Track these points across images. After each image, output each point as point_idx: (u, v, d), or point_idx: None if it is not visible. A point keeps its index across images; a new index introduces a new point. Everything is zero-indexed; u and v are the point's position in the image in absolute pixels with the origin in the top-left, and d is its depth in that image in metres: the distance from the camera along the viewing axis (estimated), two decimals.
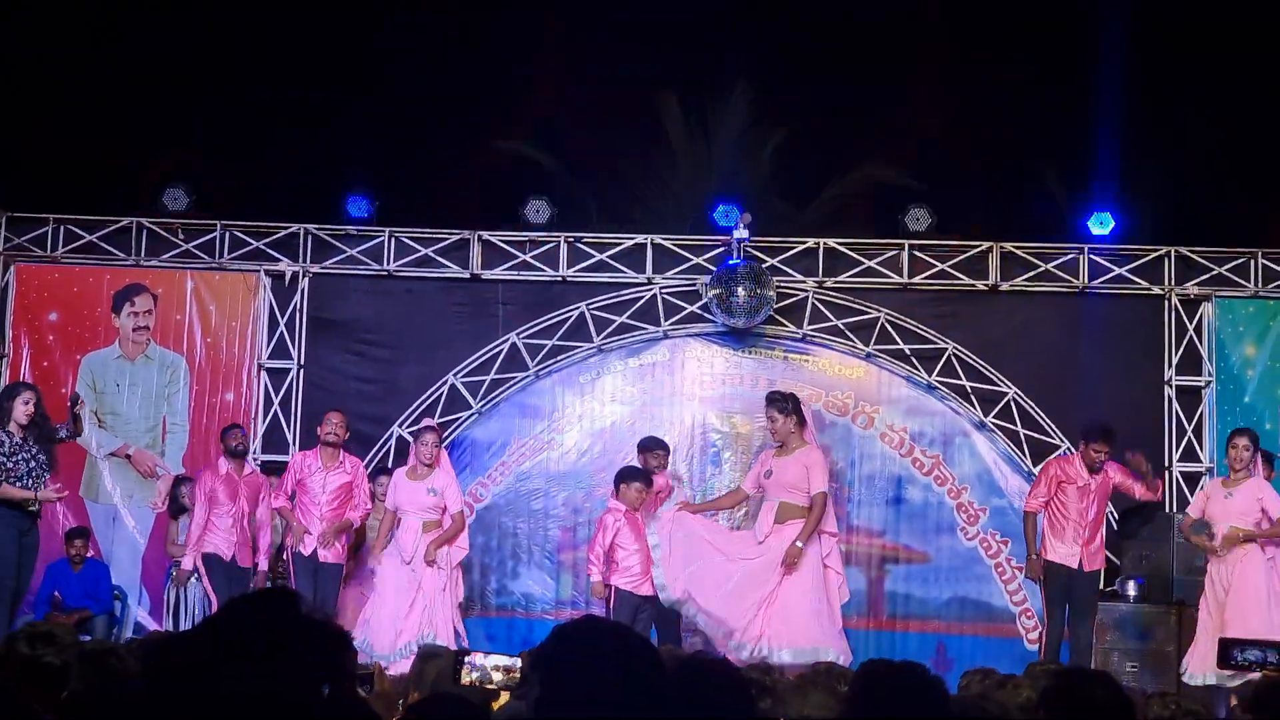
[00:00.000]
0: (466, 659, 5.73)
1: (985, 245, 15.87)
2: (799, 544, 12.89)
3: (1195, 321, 15.73)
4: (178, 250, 15.96)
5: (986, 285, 15.86)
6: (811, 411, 13.87)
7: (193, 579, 14.13)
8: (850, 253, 15.91)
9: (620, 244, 16.01)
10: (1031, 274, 15.86)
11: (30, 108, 17.22)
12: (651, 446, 14.35)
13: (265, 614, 3.78)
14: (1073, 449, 15.02)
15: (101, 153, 17.19)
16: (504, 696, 6.61)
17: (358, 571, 14.48)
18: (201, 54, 17.59)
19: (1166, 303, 15.76)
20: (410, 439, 14.70)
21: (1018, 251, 15.89)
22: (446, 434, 15.52)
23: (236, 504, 14.02)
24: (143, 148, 17.32)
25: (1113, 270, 15.80)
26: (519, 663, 5.65)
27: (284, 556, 14.29)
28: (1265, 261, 15.74)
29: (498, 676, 5.56)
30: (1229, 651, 6.23)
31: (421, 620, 13.28)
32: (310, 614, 3.81)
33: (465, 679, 5.61)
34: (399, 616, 13.32)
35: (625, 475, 13.74)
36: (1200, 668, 12.74)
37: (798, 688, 6.28)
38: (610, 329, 15.79)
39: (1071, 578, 13.21)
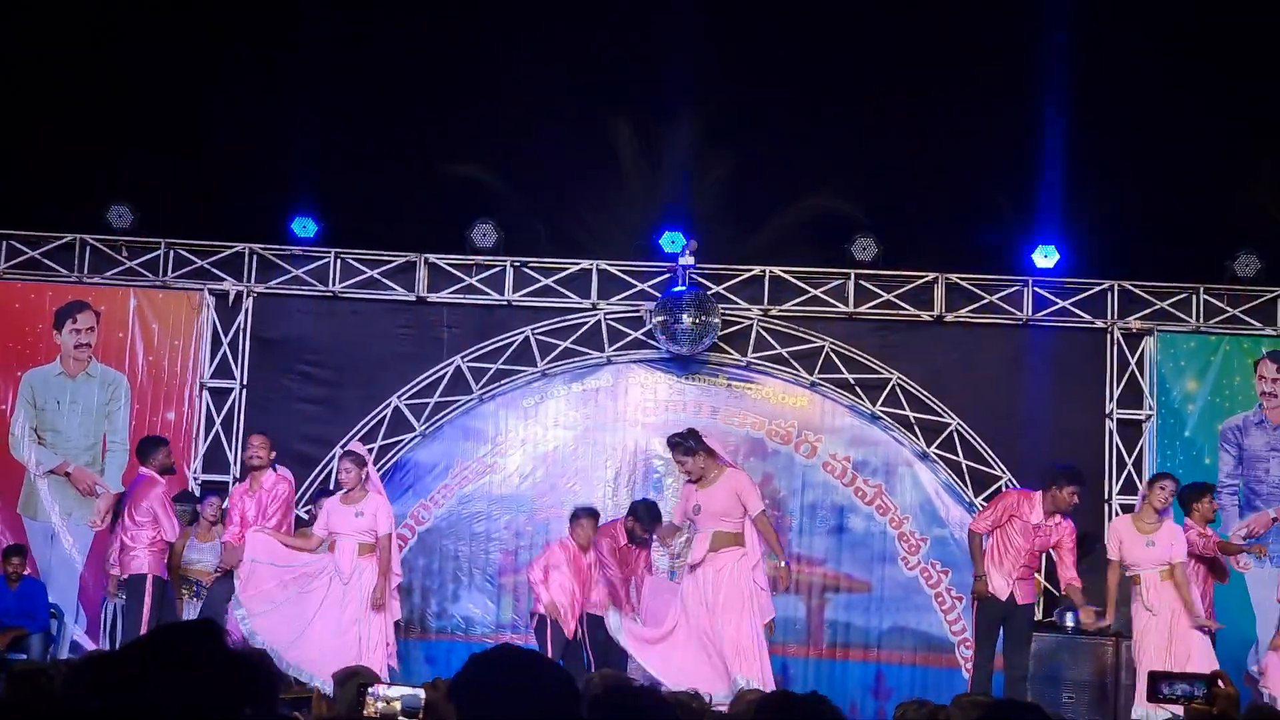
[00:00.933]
0: (370, 689, 5.72)
1: (930, 276, 15.93)
2: (782, 563, 12.97)
3: (1137, 355, 15.81)
4: (121, 268, 15.89)
5: (931, 316, 15.92)
6: (715, 439, 13.64)
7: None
8: (796, 281, 15.95)
9: (566, 269, 16.01)
10: (976, 305, 15.93)
11: None
12: (642, 516, 14.18)
13: (188, 640, 3.76)
14: (1015, 481, 15.10)
15: (45, 169, 17.12)
16: None
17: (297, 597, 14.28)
18: (148, 71, 17.54)
19: (1109, 336, 15.84)
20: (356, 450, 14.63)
21: (963, 283, 15.95)
22: (389, 455, 15.51)
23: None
24: (87, 164, 17.25)
25: (1056, 303, 15.88)
26: (422, 694, 5.64)
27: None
28: (1207, 297, 15.84)
29: (398, 707, 5.54)
30: (1157, 685, 6.22)
31: (356, 643, 13.17)
32: (232, 645, 3.81)
33: (370, 709, 5.59)
34: (334, 639, 13.22)
35: (577, 513, 13.94)
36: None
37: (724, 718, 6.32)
38: (554, 354, 15.79)
39: (1007, 609, 13.11)
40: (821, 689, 14.37)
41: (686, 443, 13.01)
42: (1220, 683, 6.22)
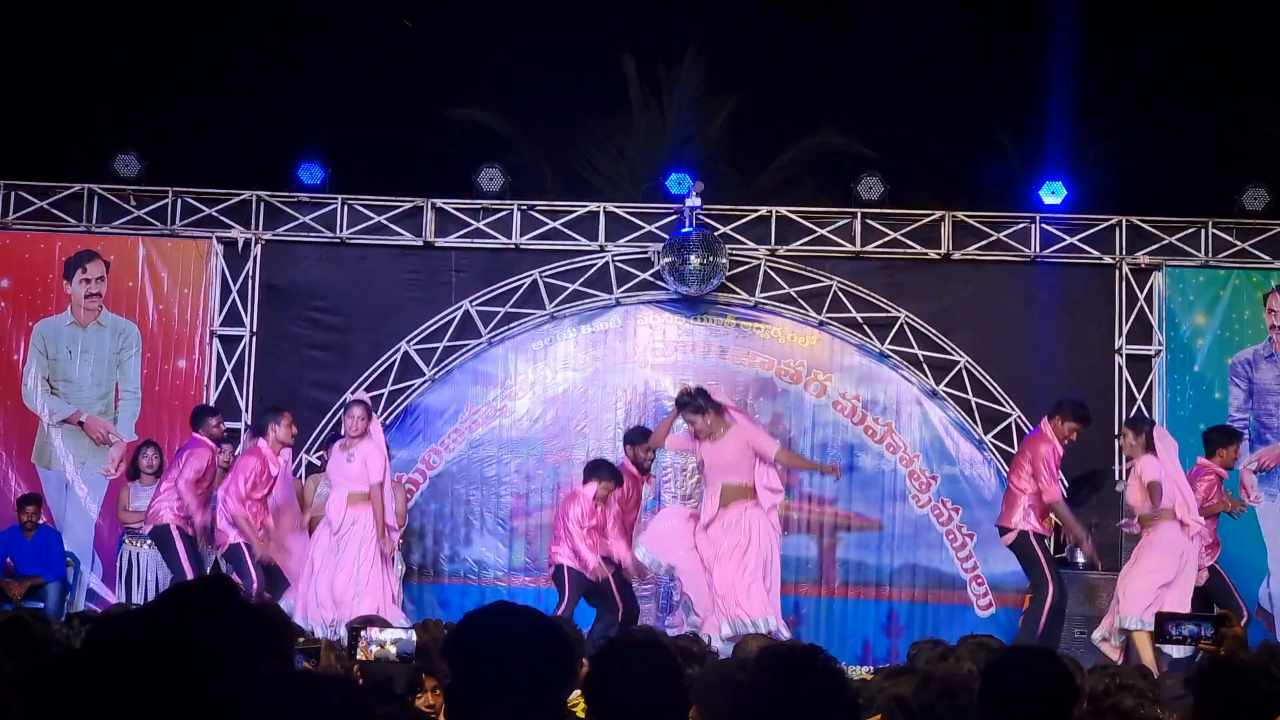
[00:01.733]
0: (363, 633, 5.76)
1: (937, 214, 15.90)
2: (829, 467, 14.01)
3: (1146, 291, 15.79)
4: (129, 217, 15.89)
5: (939, 254, 15.90)
6: (724, 396, 13.71)
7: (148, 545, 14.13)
8: (802, 221, 15.93)
9: (573, 212, 16.00)
10: (983, 243, 15.90)
11: None
12: (639, 440, 14.35)
13: (204, 598, 3.81)
14: (1024, 418, 15.14)
15: (52, 119, 17.11)
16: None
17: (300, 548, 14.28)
18: (153, 19, 17.51)
19: (1117, 272, 15.82)
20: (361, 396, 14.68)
21: (970, 221, 15.93)
22: (399, 401, 15.56)
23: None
24: (94, 113, 17.25)
25: (1064, 240, 15.86)
26: (414, 635, 5.68)
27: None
28: (1215, 231, 15.80)
29: (392, 651, 5.58)
30: (1164, 626, 6.27)
31: (352, 591, 13.19)
32: (247, 599, 3.86)
33: (364, 654, 5.63)
34: (333, 589, 13.25)
35: (595, 471, 13.83)
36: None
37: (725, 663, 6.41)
38: (563, 296, 15.80)
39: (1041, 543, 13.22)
40: (834, 627, 14.58)
41: (695, 401, 13.08)
42: (1228, 622, 6.27)
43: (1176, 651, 11.34)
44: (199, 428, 14.03)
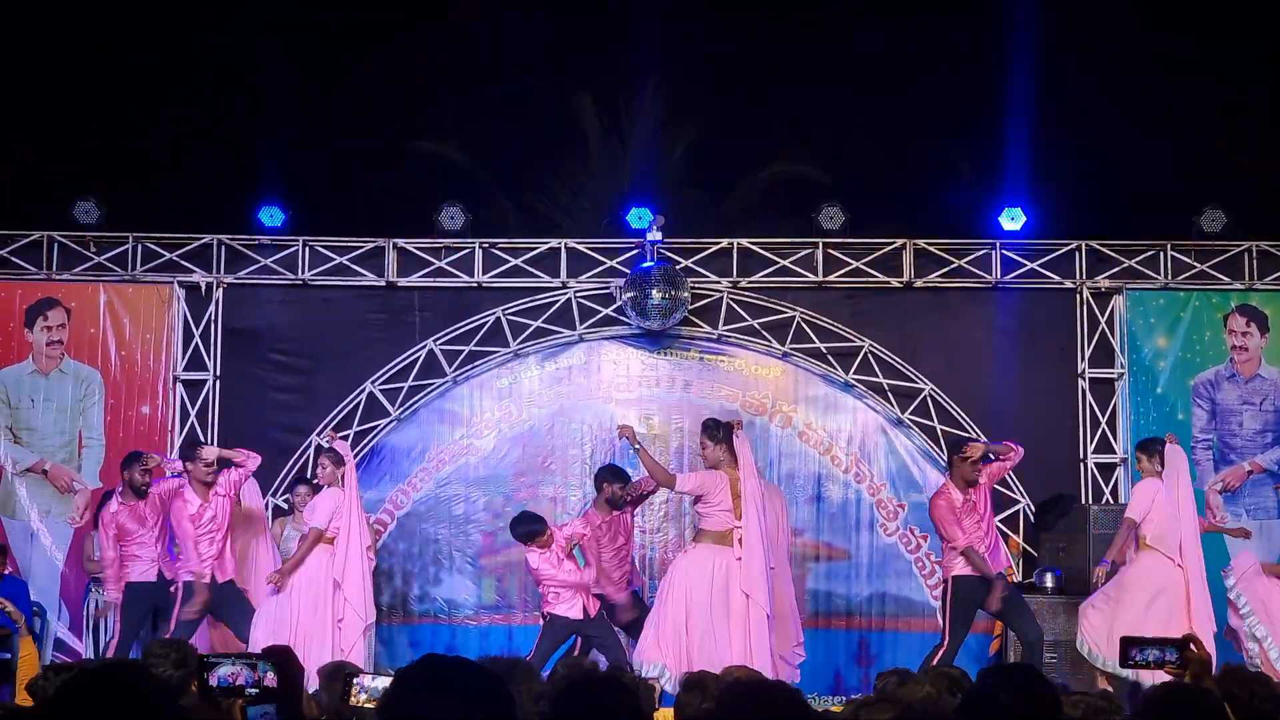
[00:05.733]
0: (355, 679, 5.76)
1: (899, 242, 15.94)
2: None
3: (1107, 314, 15.86)
4: (90, 263, 15.86)
5: (901, 282, 15.94)
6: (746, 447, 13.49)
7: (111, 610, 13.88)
8: (764, 252, 15.96)
9: (535, 249, 16.01)
10: (945, 270, 15.95)
11: None
12: (610, 479, 13.98)
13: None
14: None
15: (10, 167, 17.08)
16: None
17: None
18: (109, 65, 17.51)
19: (1078, 296, 15.89)
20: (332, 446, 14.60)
21: (931, 248, 15.97)
22: (365, 441, 15.53)
23: (149, 525, 13.68)
24: (52, 160, 17.22)
25: (1025, 265, 15.91)
26: None
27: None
28: (1175, 253, 15.88)
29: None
30: (1128, 650, 6.28)
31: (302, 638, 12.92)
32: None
33: (355, 699, 5.64)
34: (282, 636, 12.98)
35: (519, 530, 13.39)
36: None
37: (686, 688, 6.44)
38: (526, 333, 15.79)
39: (985, 588, 13.06)
40: (805, 658, 14.50)
41: (716, 430, 12.90)
42: (1192, 646, 6.27)
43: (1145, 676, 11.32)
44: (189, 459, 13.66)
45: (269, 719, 5.30)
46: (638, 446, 13.03)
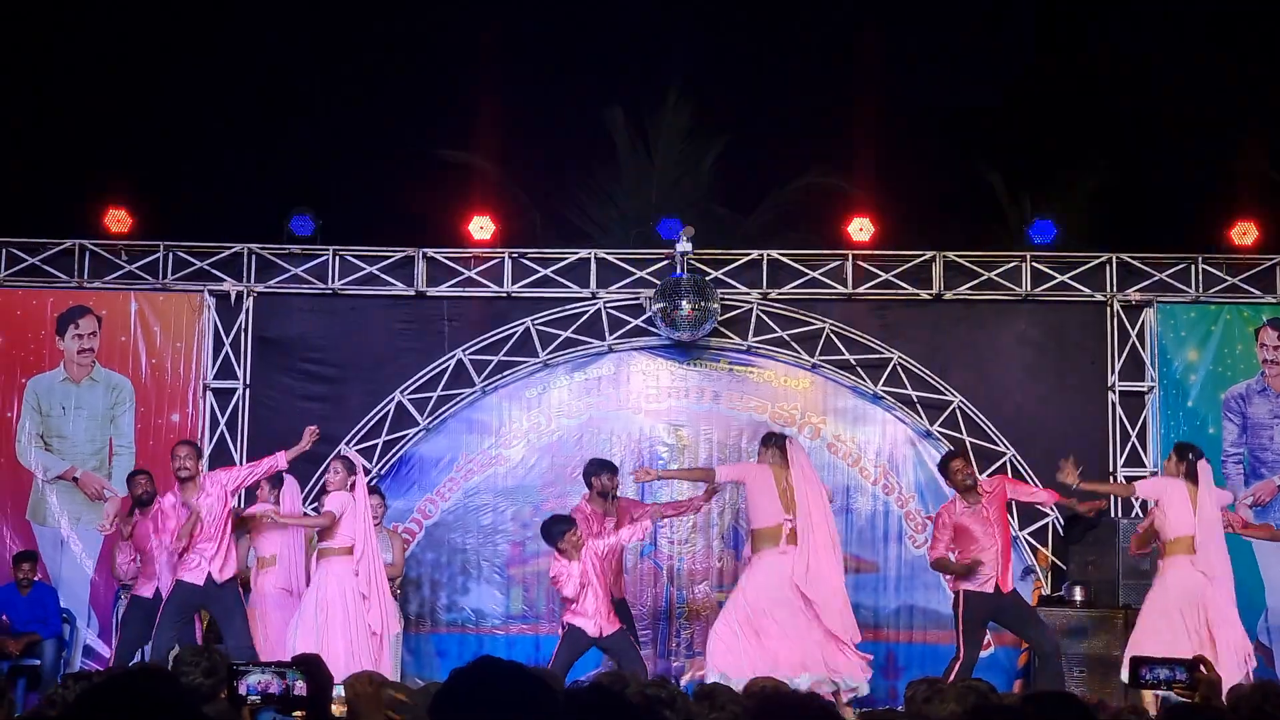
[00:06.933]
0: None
1: (928, 255, 15.92)
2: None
3: (1138, 327, 15.82)
4: (121, 272, 15.91)
5: (930, 294, 15.91)
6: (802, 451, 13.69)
7: None
8: (794, 264, 15.95)
9: (564, 259, 16.02)
10: (975, 282, 15.92)
11: None
12: (598, 470, 14.09)
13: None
14: (1018, 456, 15.22)
15: (42, 175, 17.14)
16: None
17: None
18: (141, 74, 17.56)
19: (1109, 309, 15.85)
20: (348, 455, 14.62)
21: (961, 261, 15.94)
22: (394, 451, 15.56)
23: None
24: (84, 168, 17.28)
25: (1055, 278, 15.88)
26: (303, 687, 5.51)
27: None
28: (1206, 267, 15.83)
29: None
30: (1138, 670, 6.24)
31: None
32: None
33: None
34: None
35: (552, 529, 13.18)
36: None
37: (698, 698, 6.41)
38: (555, 344, 15.80)
39: (994, 603, 13.08)
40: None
41: (769, 439, 13.40)
42: (1202, 668, 6.23)
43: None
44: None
45: None
46: (660, 476, 13.28)
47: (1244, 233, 15.80)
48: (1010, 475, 14.94)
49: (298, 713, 5.25)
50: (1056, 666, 13.04)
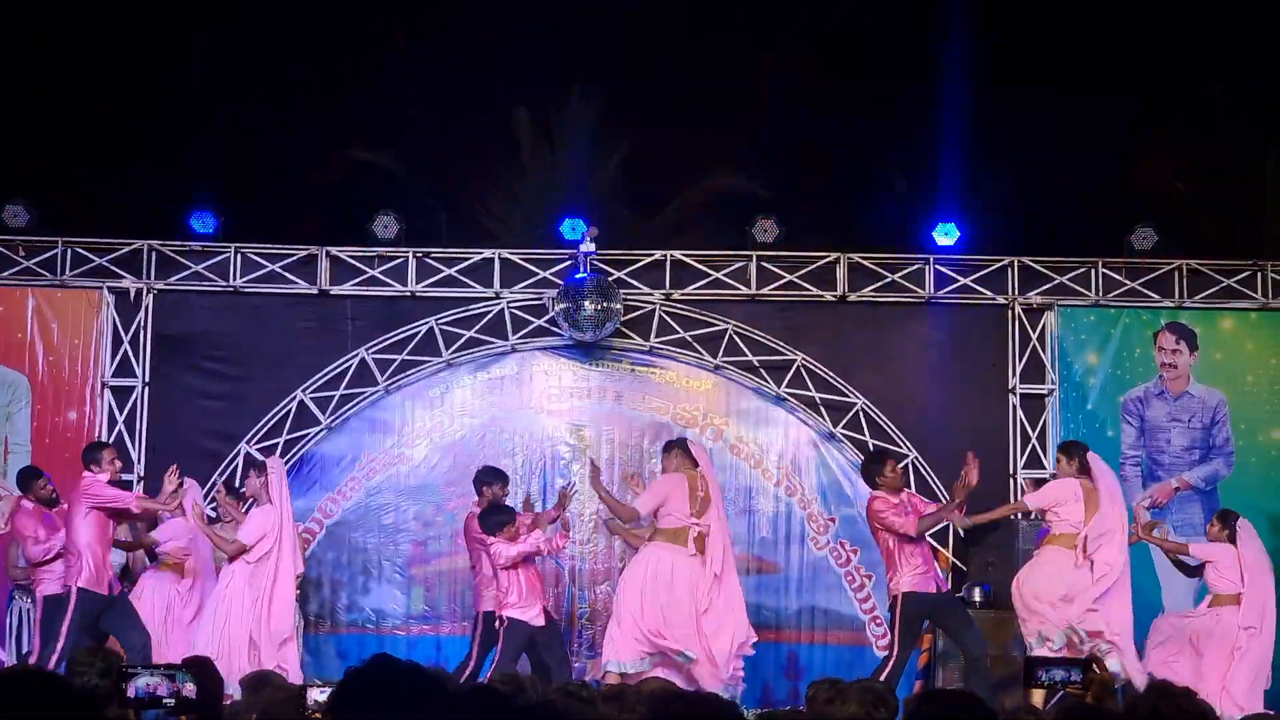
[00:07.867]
0: (308, 693, 5.74)
1: (833, 256, 15.97)
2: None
3: (1039, 330, 15.93)
4: (18, 268, 15.72)
5: (834, 296, 15.96)
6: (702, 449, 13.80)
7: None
8: (697, 265, 15.96)
9: (468, 259, 15.97)
10: (878, 284, 15.98)
11: None
12: (490, 480, 14.15)
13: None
14: (921, 459, 15.31)
15: None
16: None
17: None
18: (39, 68, 17.37)
19: (1010, 312, 15.95)
20: (257, 456, 14.58)
21: (865, 262, 16.00)
22: (295, 450, 15.48)
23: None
24: None
25: (958, 280, 15.97)
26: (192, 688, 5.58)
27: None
28: (1106, 271, 15.97)
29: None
30: (1033, 670, 6.29)
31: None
32: None
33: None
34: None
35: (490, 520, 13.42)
36: None
37: (607, 699, 6.40)
38: (459, 343, 15.75)
39: (935, 602, 13.11)
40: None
41: (671, 445, 13.64)
42: (1095, 667, 6.29)
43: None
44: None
45: None
46: (604, 493, 13.38)
47: (1143, 238, 15.93)
48: (912, 477, 15.06)
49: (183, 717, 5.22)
50: (983, 672, 13.05)
